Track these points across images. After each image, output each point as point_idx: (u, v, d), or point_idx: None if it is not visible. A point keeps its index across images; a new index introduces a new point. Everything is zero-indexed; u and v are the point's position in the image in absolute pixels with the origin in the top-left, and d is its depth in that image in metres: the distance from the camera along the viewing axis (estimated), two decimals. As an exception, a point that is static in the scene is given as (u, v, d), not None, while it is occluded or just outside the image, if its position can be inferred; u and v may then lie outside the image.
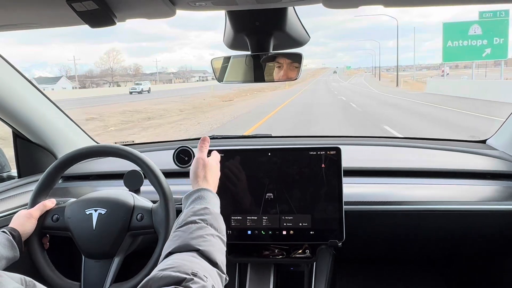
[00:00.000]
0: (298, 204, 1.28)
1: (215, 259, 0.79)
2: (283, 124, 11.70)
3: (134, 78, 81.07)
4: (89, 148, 1.21)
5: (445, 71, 43.51)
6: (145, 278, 1.03)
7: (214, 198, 0.98)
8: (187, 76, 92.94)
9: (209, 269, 0.76)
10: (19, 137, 1.63)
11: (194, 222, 0.85)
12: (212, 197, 0.97)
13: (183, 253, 0.78)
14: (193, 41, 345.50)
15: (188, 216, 0.88)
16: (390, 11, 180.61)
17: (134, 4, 0.86)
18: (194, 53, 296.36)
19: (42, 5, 0.85)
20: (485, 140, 1.75)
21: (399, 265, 1.89)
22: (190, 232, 0.83)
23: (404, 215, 1.37)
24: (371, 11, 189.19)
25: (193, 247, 0.79)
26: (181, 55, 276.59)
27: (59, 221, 1.13)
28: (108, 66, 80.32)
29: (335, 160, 1.28)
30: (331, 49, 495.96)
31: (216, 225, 0.88)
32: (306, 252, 1.33)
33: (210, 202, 0.94)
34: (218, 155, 1.15)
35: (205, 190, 0.97)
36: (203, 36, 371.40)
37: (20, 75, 1.47)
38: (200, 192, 0.96)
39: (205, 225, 0.85)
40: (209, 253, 0.79)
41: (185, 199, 0.97)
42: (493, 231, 1.43)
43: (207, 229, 0.85)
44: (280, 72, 1.23)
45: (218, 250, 0.83)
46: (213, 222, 0.88)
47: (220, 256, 0.82)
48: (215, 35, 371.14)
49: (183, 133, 10.69)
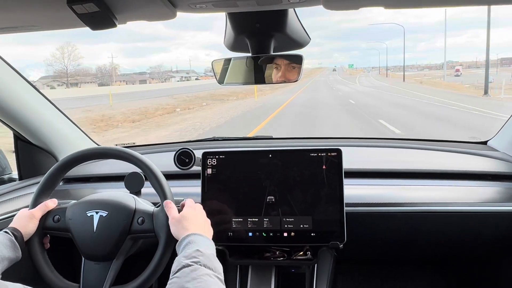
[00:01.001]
0: (299, 206, 1.28)
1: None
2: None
3: (99, 79, 71.61)
4: (90, 150, 1.21)
5: (460, 71, 43.01)
6: (144, 282, 1.03)
7: (206, 240, 0.98)
8: (165, 76, 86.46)
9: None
10: (20, 139, 1.63)
11: (187, 266, 0.86)
12: (203, 240, 0.97)
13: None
14: (188, 41, 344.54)
15: (180, 262, 0.88)
16: (388, 13, 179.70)
17: (134, 7, 0.86)
18: (190, 53, 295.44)
19: (43, 7, 0.85)
20: (486, 141, 1.75)
21: (400, 266, 1.88)
22: (184, 276, 0.83)
23: (405, 217, 1.37)
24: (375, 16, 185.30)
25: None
26: (177, 55, 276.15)
27: (60, 222, 1.13)
28: (66, 64, 64.42)
29: (336, 161, 1.28)
30: (327, 50, 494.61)
31: (211, 265, 0.88)
32: (307, 254, 1.32)
33: (201, 244, 0.94)
34: (189, 201, 1.12)
35: (194, 235, 0.97)
36: (198, 37, 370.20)
37: (21, 77, 1.47)
38: (190, 237, 0.96)
39: (198, 266, 0.86)
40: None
41: (177, 247, 0.97)
42: (494, 232, 1.43)
43: (201, 269, 0.85)
44: (278, 73, 1.23)
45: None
46: (206, 262, 0.88)
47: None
48: (211, 35, 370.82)
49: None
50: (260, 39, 1.17)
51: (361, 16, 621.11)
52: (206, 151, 1.35)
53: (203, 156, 1.35)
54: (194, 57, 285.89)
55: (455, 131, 9.61)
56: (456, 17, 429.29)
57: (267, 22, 1.11)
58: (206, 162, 1.34)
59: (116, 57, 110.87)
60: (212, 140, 1.93)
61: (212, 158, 1.34)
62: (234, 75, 1.28)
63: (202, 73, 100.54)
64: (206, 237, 0.99)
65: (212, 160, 1.34)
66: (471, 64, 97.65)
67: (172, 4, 0.86)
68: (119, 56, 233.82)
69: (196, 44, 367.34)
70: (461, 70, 52.53)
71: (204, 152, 1.35)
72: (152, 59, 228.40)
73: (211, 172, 1.33)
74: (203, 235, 0.99)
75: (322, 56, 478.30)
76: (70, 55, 64.21)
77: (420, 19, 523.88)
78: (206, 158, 1.34)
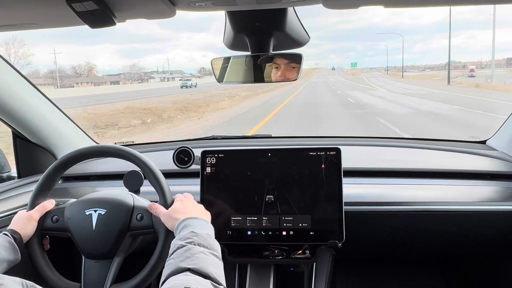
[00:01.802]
0: (298, 205, 1.28)
1: (207, 273, 0.81)
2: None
3: (57, 81, 62.08)
4: (88, 149, 1.21)
5: (474, 71, 39.63)
6: (145, 278, 1.03)
7: (201, 222, 0.99)
8: (143, 77, 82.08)
9: (203, 282, 0.78)
10: (19, 138, 1.62)
11: (181, 247, 0.87)
12: (198, 221, 0.98)
13: (176, 276, 0.80)
14: (184, 43, 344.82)
15: (175, 244, 0.89)
16: (384, 15, 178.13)
17: (134, 5, 0.86)
18: (186, 54, 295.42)
19: (42, 5, 0.85)
20: (485, 140, 1.75)
21: (399, 265, 1.89)
22: (179, 256, 0.85)
23: (404, 216, 1.37)
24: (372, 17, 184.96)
25: (184, 268, 0.81)
26: (173, 56, 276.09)
27: (58, 222, 1.13)
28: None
29: (335, 160, 1.28)
30: (323, 51, 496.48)
31: (205, 243, 0.89)
32: (306, 252, 1.33)
33: (196, 226, 0.95)
34: (177, 195, 1.12)
35: (189, 219, 0.98)
36: (195, 38, 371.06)
37: (20, 75, 1.47)
38: (185, 221, 0.98)
39: (192, 245, 0.87)
40: (199, 269, 0.81)
41: (174, 233, 0.98)
42: (493, 231, 1.43)
43: (195, 248, 0.86)
44: (278, 72, 1.23)
45: (210, 264, 0.84)
46: (201, 241, 0.89)
47: (213, 269, 0.83)
48: (207, 36, 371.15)
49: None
50: (259, 37, 1.17)
51: (357, 17, 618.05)
52: (205, 150, 1.35)
53: (202, 154, 1.35)
54: (190, 58, 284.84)
55: None
56: (452, 18, 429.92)
57: (267, 21, 1.11)
58: (205, 161, 1.34)
59: (60, 53, 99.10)
60: (211, 138, 1.93)
61: (211, 157, 1.34)
62: (233, 74, 1.28)
63: (188, 74, 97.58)
64: (201, 218, 1.00)
65: (211, 158, 1.34)
66: (476, 64, 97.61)
67: (172, 2, 0.85)
68: (115, 57, 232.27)
69: (192, 45, 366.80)
70: (476, 70, 48.70)
71: (203, 151, 1.35)
72: (148, 60, 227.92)
73: (210, 171, 1.33)
74: (198, 218, 1.00)
75: (319, 57, 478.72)
76: (17, 51, 54.02)
77: (416, 20, 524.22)
78: (205, 156, 1.34)
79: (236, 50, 1.26)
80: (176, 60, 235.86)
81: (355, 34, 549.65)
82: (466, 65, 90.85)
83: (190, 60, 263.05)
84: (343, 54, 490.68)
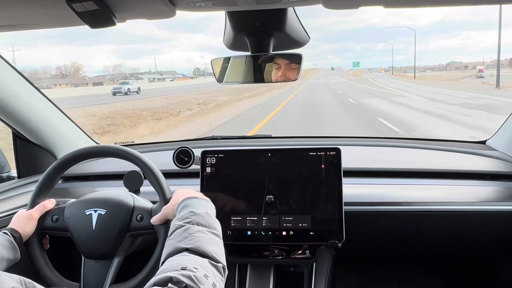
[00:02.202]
0: (298, 205, 1.28)
1: (205, 251, 0.80)
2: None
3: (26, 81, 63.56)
4: (88, 149, 1.21)
5: (483, 71, 35.42)
6: (144, 278, 1.03)
7: (200, 201, 0.98)
8: (128, 78, 74.72)
9: (200, 261, 0.77)
10: (19, 138, 1.63)
11: (180, 227, 0.87)
12: (197, 201, 0.97)
13: (174, 256, 0.80)
14: (182, 43, 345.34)
15: (174, 224, 0.89)
16: (381, 15, 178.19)
17: (134, 5, 0.86)
18: (184, 55, 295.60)
19: (42, 5, 0.85)
20: (485, 140, 1.75)
21: (399, 265, 1.89)
22: (177, 236, 0.85)
23: (403, 216, 1.37)
24: (369, 18, 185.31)
25: (181, 248, 0.81)
26: (171, 57, 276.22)
27: (58, 222, 1.13)
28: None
29: (335, 160, 1.28)
30: (321, 51, 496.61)
31: (204, 222, 0.89)
32: (306, 252, 1.33)
33: (195, 205, 0.95)
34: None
35: (189, 199, 0.98)
36: (193, 38, 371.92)
37: (20, 76, 1.47)
38: (185, 201, 0.97)
39: (190, 225, 0.87)
40: (197, 248, 0.80)
41: (175, 212, 0.98)
42: (493, 231, 1.43)
43: (193, 227, 0.86)
44: (278, 73, 1.23)
45: (208, 242, 0.83)
46: (200, 220, 0.89)
47: (211, 247, 0.82)
48: (204, 37, 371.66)
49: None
50: (259, 38, 1.17)
51: (355, 18, 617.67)
52: (205, 150, 1.35)
53: (202, 155, 1.35)
54: (188, 59, 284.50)
55: None
56: (450, 19, 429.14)
57: (267, 21, 1.11)
58: (205, 161, 1.34)
59: (19, 50, 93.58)
60: (211, 138, 1.93)
61: (211, 157, 1.34)
62: (233, 74, 1.28)
63: (180, 74, 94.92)
64: (201, 198, 1.00)
65: (211, 158, 1.34)
66: (477, 64, 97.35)
67: (172, 3, 0.85)
68: (113, 57, 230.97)
69: (190, 46, 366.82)
70: (484, 71, 43.88)
71: (203, 151, 1.35)
72: (146, 61, 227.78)
73: (210, 171, 1.33)
74: (198, 197, 0.99)
75: (317, 57, 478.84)
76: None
77: (413, 21, 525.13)
78: (205, 157, 1.34)
79: (236, 50, 1.26)
80: (174, 61, 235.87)
81: (353, 35, 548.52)
82: (468, 65, 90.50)
83: (188, 61, 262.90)
84: (341, 55, 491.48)
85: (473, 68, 69.92)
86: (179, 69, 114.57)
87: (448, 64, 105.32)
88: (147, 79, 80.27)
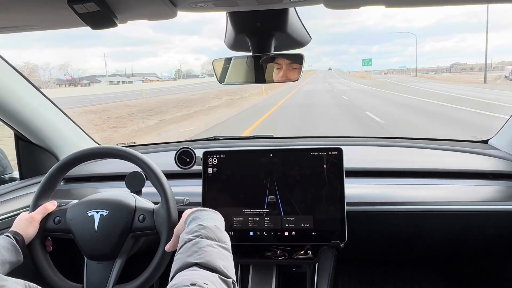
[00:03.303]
0: (300, 205, 1.28)
1: (214, 266, 0.80)
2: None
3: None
4: (90, 150, 1.21)
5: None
6: (147, 279, 1.03)
7: (209, 214, 0.98)
8: (76, 81, 71.54)
9: (210, 276, 0.77)
10: (21, 139, 1.63)
11: (189, 241, 0.87)
12: (206, 213, 0.97)
13: (183, 271, 0.79)
14: (177, 46, 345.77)
15: (183, 238, 0.89)
16: (376, 17, 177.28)
17: (135, 6, 0.86)
18: (179, 57, 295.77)
19: (43, 7, 0.85)
20: (487, 140, 1.75)
21: (401, 265, 1.88)
22: (186, 251, 0.84)
23: (406, 216, 1.37)
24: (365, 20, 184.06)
25: (191, 262, 0.80)
26: (166, 59, 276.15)
27: (61, 223, 1.13)
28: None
29: (336, 161, 1.28)
30: (316, 54, 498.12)
31: (213, 236, 0.88)
32: (308, 253, 1.32)
33: (204, 218, 0.95)
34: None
35: (198, 211, 0.98)
36: (188, 40, 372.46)
37: (22, 77, 1.47)
38: (194, 213, 0.97)
39: (199, 239, 0.86)
40: (207, 263, 0.80)
41: (184, 225, 0.98)
42: (495, 231, 1.42)
43: (202, 241, 0.86)
44: (280, 73, 1.23)
45: (217, 257, 0.83)
46: (209, 234, 0.88)
47: (221, 262, 0.82)
48: (200, 39, 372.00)
49: None
50: (260, 38, 1.17)
51: (350, 20, 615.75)
52: (207, 151, 1.35)
53: (204, 155, 1.35)
54: (183, 60, 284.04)
55: None
56: (445, 21, 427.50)
57: (268, 21, 1.11)
58: (207, 162, 1.34)
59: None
60: (213, 139, 1.93)
61: (213, 158, 1.34)
62: (235, 75, 1.28)
63: (154, 77, 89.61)
64: (210, 210, 1.00)
65: (213, 159, 1.34)
66: (481, 66, 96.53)
67: (173, 4, 0.85)
68: (108, 59, 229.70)
69: (186, 48, 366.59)
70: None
71: (205, 152, 1.35)
72: (141, 62, 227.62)
73: (212, 172, 1.33)
74: (207, 210, 0.99)
75: (313, 59, 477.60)
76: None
77: (408, 23, 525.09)
78: (207, 157, 1.34)
79: (238, 50, 1.26)
80: (169, 63, 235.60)
81: (348, 37, 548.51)
82: (474, 67, 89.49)
83: (183, 63, 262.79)
84: (336, 57, 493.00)
85: (479, 70, 67.69)
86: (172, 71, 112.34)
87: (452, 66, 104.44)
88: (106, 82, 75.11)
